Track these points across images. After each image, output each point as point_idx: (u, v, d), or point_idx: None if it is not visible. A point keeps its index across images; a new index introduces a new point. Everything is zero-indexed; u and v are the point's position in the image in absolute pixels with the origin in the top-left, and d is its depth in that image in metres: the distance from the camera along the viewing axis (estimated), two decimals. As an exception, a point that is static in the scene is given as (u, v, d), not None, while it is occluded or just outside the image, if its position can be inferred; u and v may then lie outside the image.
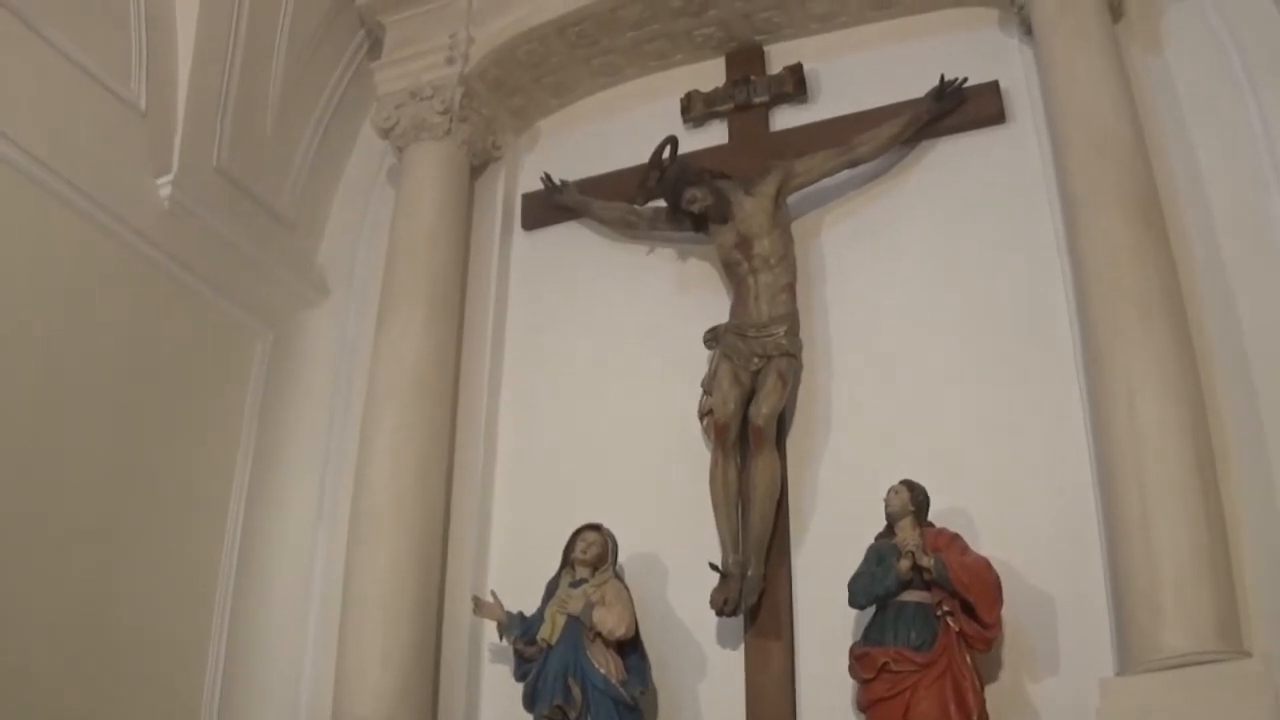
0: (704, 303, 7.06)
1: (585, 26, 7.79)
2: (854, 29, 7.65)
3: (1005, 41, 7.18)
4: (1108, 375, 5.74)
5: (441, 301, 7.39)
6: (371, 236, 8.19)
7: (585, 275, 7.62)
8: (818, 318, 6.87)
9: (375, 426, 7.03)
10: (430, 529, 6.85)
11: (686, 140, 7.41)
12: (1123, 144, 6.17)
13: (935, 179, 7.01)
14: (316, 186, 8.38)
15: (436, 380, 7.20)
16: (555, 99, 8.22)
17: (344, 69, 8.49)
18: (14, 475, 6.15)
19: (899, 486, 5.80)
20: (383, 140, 8.04)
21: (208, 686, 7.02)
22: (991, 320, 6.50)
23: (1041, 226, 6.57)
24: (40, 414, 6.35)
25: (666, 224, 7.31)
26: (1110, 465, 5.61)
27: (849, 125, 7.15)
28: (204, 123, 7.49)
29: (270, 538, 7.52)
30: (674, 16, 7.70)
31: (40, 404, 6.35)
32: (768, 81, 7.61)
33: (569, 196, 7.73)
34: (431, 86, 7.80)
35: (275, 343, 7.94)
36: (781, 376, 6.48)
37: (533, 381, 7.44)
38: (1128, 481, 5.48)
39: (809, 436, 6.60)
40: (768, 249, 6.76)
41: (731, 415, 6.44)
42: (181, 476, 7.15)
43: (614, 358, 7.28)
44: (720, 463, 6.44)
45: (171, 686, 6.83)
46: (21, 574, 6.10)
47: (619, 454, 6.95)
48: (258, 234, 7.83)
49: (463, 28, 7.90)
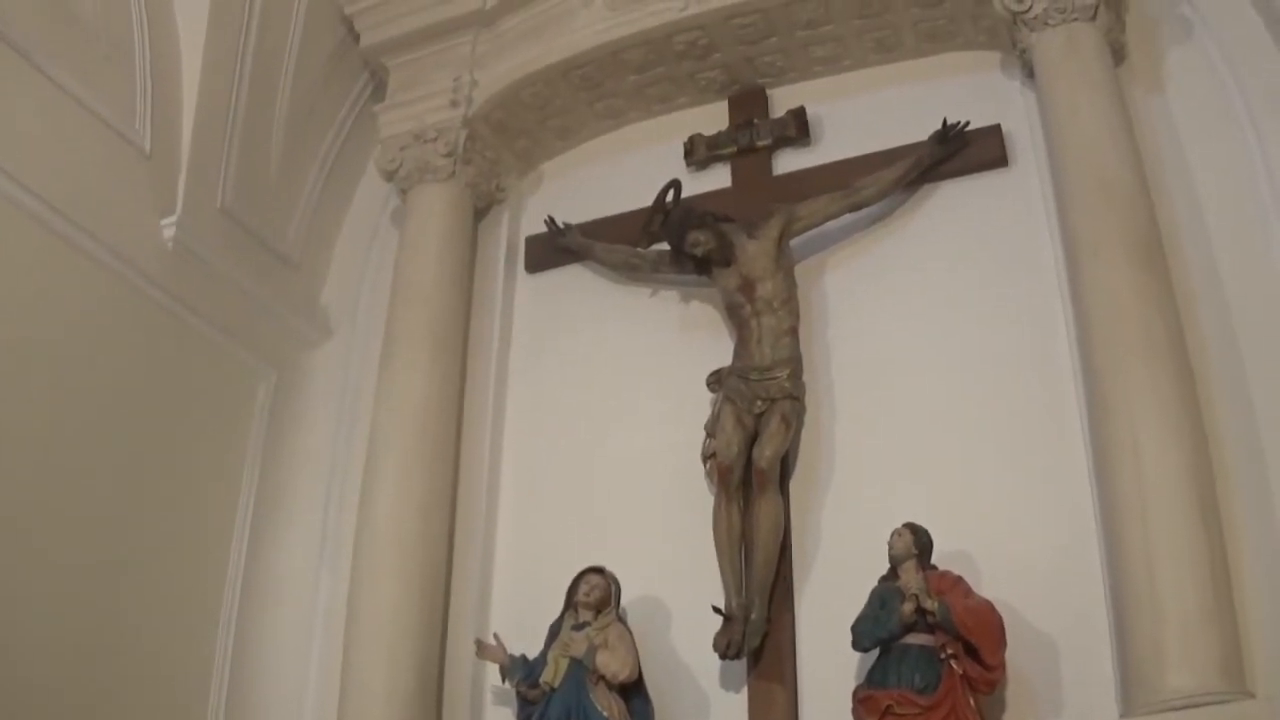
0: (707, 345, 7.05)
1: (589, 70, 7.79)
2: (857, 72, 7.65)
3: (1007, 85, 7.19)
4: (1111, 418, 5.72)
5: (445, 343, 7.38)
6: (375, 278, 8.19)
7: (588, 318, 7.61)
8: (820, 361, 6.85)
9: (378, 467, 7.01)
10: (433, 571, 6.82)
11: (690, 183, 7.40)
12: (1125, 186, 6.17)
13: (938, 222, 7.01)
14: (320, 228, 8.39)
15: (439, 421, 7.18)
16: (559, 142, 8.22)
17: (348, 111, 8.52)
18: (17, 512, 6.12)
19: (902, 529, 5.77)
20: (387, 182, 8.05)
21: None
22: (994, 364, 6.47)
23: (1044, 270, 6.56)
24: (43, 453, 6.32)
25: (670, 267, 7.29)
26: (1114, 508, 5.59)
27: (852, 169, 7.15)
28: (208, 164, 7.51)
29: (273, 578, 7.49)
30: (677, 60, 7.71)
31: (43, 443, 6.33)
32: (771, 125, 7.61)
33: (572, 239, 7.71)
34: (435, 129, 7.81)
35: (278, 383, 7.93)
36: (785, 419, 6.46)
37: (535, 424, 7.42)
38: (1131, 524, 5.46)
39: (812, 479, 6.58)
40: (771, 292, 6.75)
41: (735, 458, 6.42)
42: (184, 517, 7.12)
43: (617, 400, 7.25)
44: (723, 506, 6.41)
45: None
46: (25, 610, 6.07)
47: (622, 497, 6.93)
48: (261, 274, 7.82)
49: (466, 71, 7.91)
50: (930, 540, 5.78)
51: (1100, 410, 5.82)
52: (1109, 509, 5.66)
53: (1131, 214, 6.12)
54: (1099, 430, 5.82)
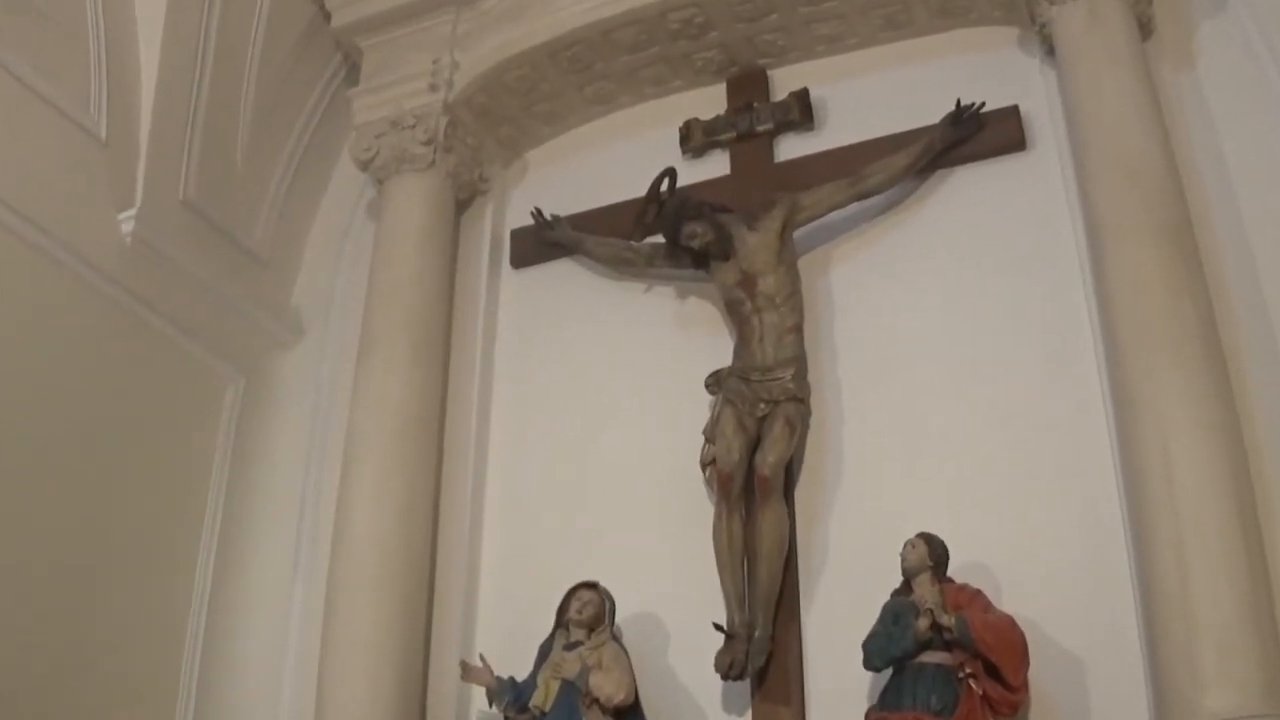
0: (705, 345, 7.04)
1: (578, 51, 7.79)
2: (864, 51, 7.65)
3: (1026, 62, 7.18)
4: (1140, 418, 5.70)
5: (425, 343, 7.36)
6: (350, 274, 8.19)
7: (578, 316, 7.61)
8: (826, 360, 6.84)
9: (355, 476, 6.99)
10: (414, 587, 6.80)
11: (686, 172, 7.41)
12: (1153, 169, 6.15)
13: (951, 211, 7.00)
14: (290, 221, 8.36)
15: (420, 427, 7.15)
16: (546, 128, 8.23)
17: (319, 96, 8.51)
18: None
19: (916, 540, 5.75)
20: (361, 172, 8.04)
21: (175, 752, 6.99)
22: (1013, 361, 6.46)
23: (1065, 260, 6.56)
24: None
25: (665, 261, 7.29)
26: (1144, 515, 5.56)
27: (859, 154, 7.14)
28: (169, 153, 7.48)
29: (242, 594, 7.48)
30: (672, 39, 7.70)
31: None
32: (772, 108, 7.61)
33: (560, 232, 7.72)
34: (413, 115, 7.79)
35: (247, 387, 7.92)
36: (789, 423, 6.44)
37: (523, 429, 7.41)
38: (1163, 532, 5.42)
39: (819, 487, 6.56)
40: (773, 287, 6.75)
41: (736, 465, 6.41)
42: (147, 529, 7.11)
43: (610, 403, 7.25)
44: (724, 515, 6.39)
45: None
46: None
47: (616, 506, 6.91)
48: (227, 271, 7.80)
49: (447, 52, 7.90)
50: (946, 551, 5.75)
51: (1128, 410, 5.79)
52: (1138, 516, 5.61)
53: (1159, 199, 6.09)
54: (1126, 431, 5.79)
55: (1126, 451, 5.78)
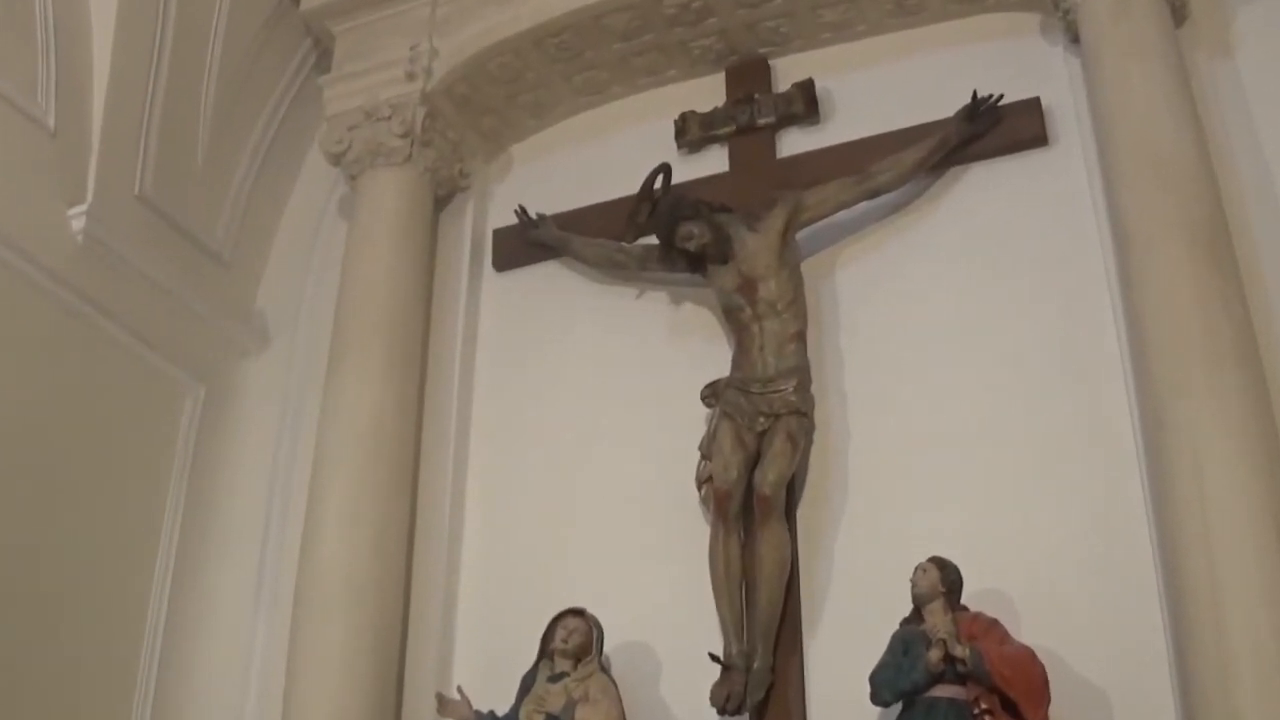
0: (702, 354, 7.04)
1: (566, 37, 7.79)
2: (873, 39, 7.65)
3: (1048, 51, 7.17)
4: (1170, 439, 5.66)
5: (400, 352, 7.34)
6: (320, 276, 8.17)
7: (565, 322, 7.59)
8: (832, 371, 6.82)
9: (324, 495, 6.96)
10: (387, 615, 6.77)
11: (681, 167, 7.42)
12: (1185, 167, 6.12)
13: (966, 211, 6.98)
14: (256, 219, 8.35)
15: (395, 442, 7.13)
16: (532, 120, 8.24)
17: (287, 84, 8.51)
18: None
19: (927, 564, 5.73)
20: (333, 167, 8.03)
21: (125, 799, 6.96)
22: (1032, 374, 6.44)
23: (1090, 265, 6.53)
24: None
25: (659, 264, 7.28)
26: (1174, 541, 5.52)
27: (867, 150, 7.13)
28: (124, 144, 7.45)
29: (200, 623, 7.43)
30: (667, 26, 7.70)
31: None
32: (774, 100, 7.60)
33: (547, 232, 7.71)
34: (389, 105, 7.78)
35: (207, 398, 7.86)
36: (791, 438, 6.42)
37: (505, 444, 7.39)
38: (1195, 559, 5.38)
39: (823, 507, 6.53)
40: (774, 292, 6.74)
41: (734, 483, 6.39)
42: (95, 552, 7.04)
43: (599, 417, 7.23)
44: (721, 537, 6.37)
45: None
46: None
47: (605, 527, 6.89)
48: (186, 272, 7.77)
49: (425, 38, 7.90)
50: (960, 577, 5.73)
51: (1157, 427, 5.76)
52: (1168, 541, 5.58)
53: (1192, 199, 6.06)
54: (1155, 450, 5.76)
55: (1156, 474, 5.75)
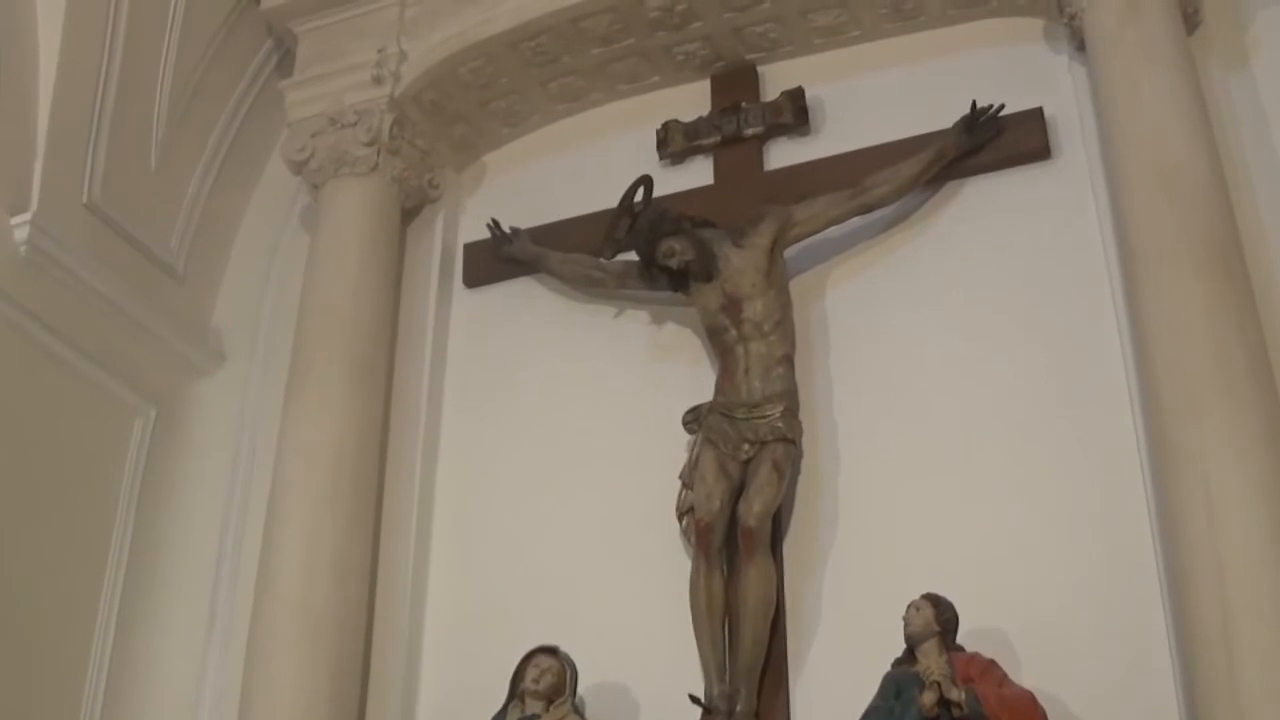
0: (683, 377, 7.03)
1: (542, 41, 7.76)
2: (867, 45, 7.64)
3: (1052, 59, 7.17)
4: (1180, 466, 5.62)
5: (364, 373, 7.30)
6: (279, 292, 8.16)
7: (540, 343, 7.59)
8: (821, 396, 6.81)
9: (282, 523, 6.91)
10: (348, 653, 6.72)
11: (664, 180, 7.41)
12: (1197, 182, 6.08)
13: (964, 227, 6.97)
14: (212, 230, 8.32)
15: (358, 468, 7.09)
16: (505, 129, 8.25)
17: (247, 87, 8.48)
18: None
19: (921, 602, 5.74)
20: (295, 175, 8.04)
21: None
22: (1034, 398, 6.43)
23: (1095, 285, 6.52)
24: None
25: (639, 282, 7.28)
26: (1184, 577, 5.48)
27: (860, 162, 7.12)
28: (71, 149, 7.39)
29: (147, 661, 7.36)
30: (650, 30, 7.69)
31: None
32: (762, 109, 7.61)
33: (520, 247, 7.71)
34: (355, 111, 7.78)
35: (157, 420, 7.81)
36: (777, 467, 6.40)
37: (475, 471, 7.37)
38: (1207, 597, 5.33)
39: (810, 540, 6.51)
40: (761, 313, 6.73)
41: (717, 514, 6.37)
42: (35, 585, 6.96)
43: (575, 443, 7.22)
44: (703, 571, 6.34)
45: None
46: None
47: (580, 559, 6.88)
48: (137, 286, 7.72)
49: (393, 40, 7.88)
50: (955, 615, 5.73)
51: (1166, 459, 5.72)
52: (1178, 576, 5.54)
53: (1204, 215, 6.02)
54: (1164, 478, 5.73)
55: (1164, 504, 5.71)
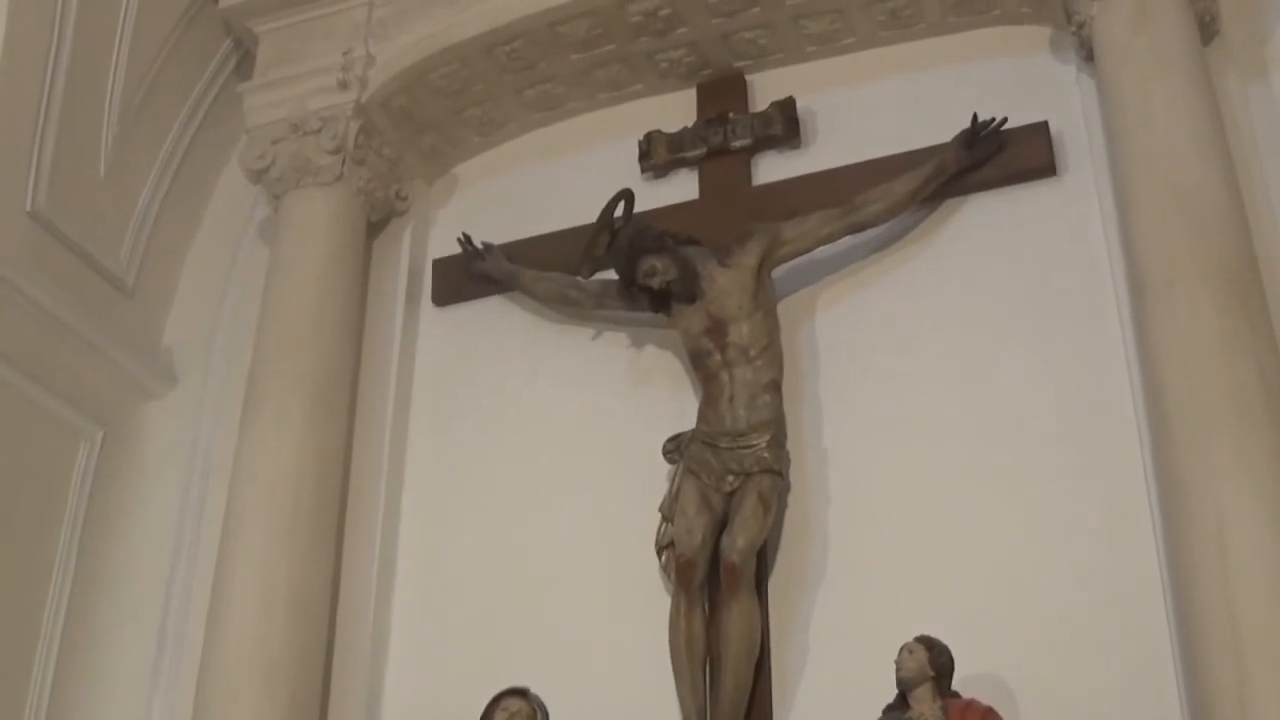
0: (664, 404, 7.04)
1: (519, 45, 7.74)
2: (862, 54, 7.65)
3: (1058, 70, 7.17)
4: (1191, 503, 5.59)
5: (326, 395, 7.28)
6: (236, 309, 8.13)
7: (512, 365, 7.57)
8: (810, 425, 6.81)
9: (235, 557, 6.86)
10: (304, 692, 6.68)
11: (645, 194, 7.39)
12: (1212, 202, 6.07)
13: (964, 248, 6.97)
14: (164, 242, 8.28)
15: (317, 498, 7.06)
16: (478, 138, 8.25)
17: (204, 90, 8.46)
18: None
19: (915, 644, 5.72)
20: (253, 185, 8.01)
21: None
22: (1035, 431, 6.42)
23: (1102, 311, 6.52)
24: None
25: (618, 302, 7.29)
26: (1195, 620, 5.45)
27: (853, 178, 7.11)
28: (13, 154, 7.33)
29: (89, 705, 7.30)
30: (632, 35, 7.68)
31: None
32: (750, 121, 7.61)
33: (493, 264, 7.70)
34: (318, 117, 7.75)
35: (104, 445, 7.76)
36: (763, 500, 6.39)
37: (443, 500, 7.36)
38: (1219, 641, 5.31)
39: (798, 578, 6.50)
40: (747, 336, 6.73)
41: (698, 549, 6.36)
42: None
43: (548, 473, 7.21)
44: (683, 610, 6.34)
45: None
46: None
47: (552, 596, 6.86)
48: (84, 301, 7.68)
49: (360, 42, 7.88)
50: (951, 659, 5.71)
51: (1175, 492, 5.71)
52: (1187, 620, 5.52)
53: (1219, 238, 6.01)
54: (1174, 517, 5.70)
55: (1173, 543, 5.69)
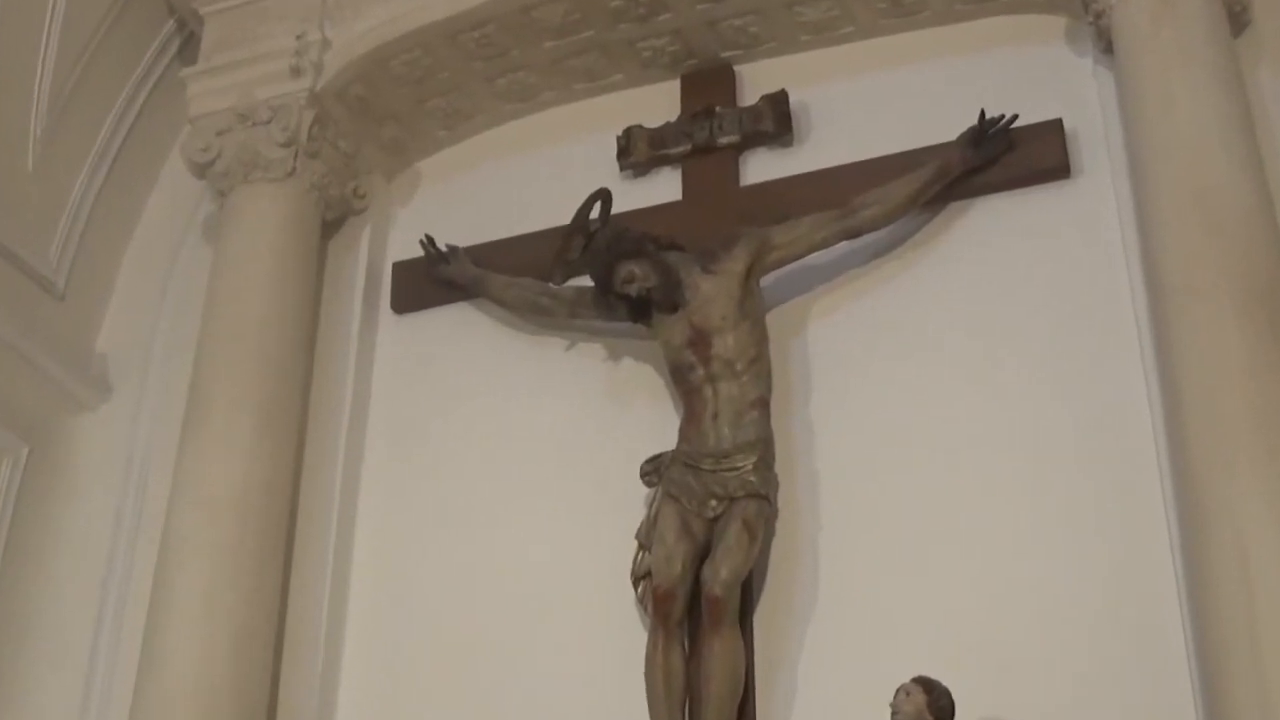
0: (642, 421, 7.04)
1: (489, 31, 7.73)
2: (861, 44, 7.64)
3: (1074, 63, 7.16)
4: (1212, 528, 5.56)
5: (275, 409, 7.24)
6: (177, 313, 8.08)
7: (478, 379, 7.55)
8: (800, 445, 6.79)
9: (173, 582, 6.79)
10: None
11: (624, 194, 7.36)
12: (1240, 207, 6.04)
13: (970, 255, 6.95)
14: (98, 241, 8.26)
15: (264, 519, 7.00)
16: (444, 131, 8.24)
17: (143, 75, 8.43)
18: None
19: (912, 686, 5.68)
20: (197, 179, 7.94)
21: None
22: (1046, 453, 6.39)
23: (1119, 324, 6.49)
24: None
25: (593, 311, 7.28)
26: (1217, 657, 5.43)
27: (850, 179, 7.10)
28: None
29: None
30: (611, 21, 7.67)
31: None
32: (739, 115, 7.60)
33: (458, 268, 7.69)
34: (269, 107, 7.70)
35: (30, 460, 7.74)
36: (748, 526, 6.35)
37: (401, 524, 7.32)
38: (1241, 674, 5.28)
39: (786, 611, 6.47)
40: (732, 349, 6.69)
41: (678, 580, 6.34)
42: None
43: (516, 496, 7.17)
44: (661, 645, 6.30)
45: None
46: None
47: (520, 631, 6.83)
48: (9, 304, 7.69)
49: (315, 25, 7.84)
50: (951, 702, 5.68)
51: (1196, 519, 5.67)
52: (1209, 655, 5.49)
53: (1247, 247, 5.97)
54: (1194, 546, 5.66)
55: (1193, 574, 5.65)
